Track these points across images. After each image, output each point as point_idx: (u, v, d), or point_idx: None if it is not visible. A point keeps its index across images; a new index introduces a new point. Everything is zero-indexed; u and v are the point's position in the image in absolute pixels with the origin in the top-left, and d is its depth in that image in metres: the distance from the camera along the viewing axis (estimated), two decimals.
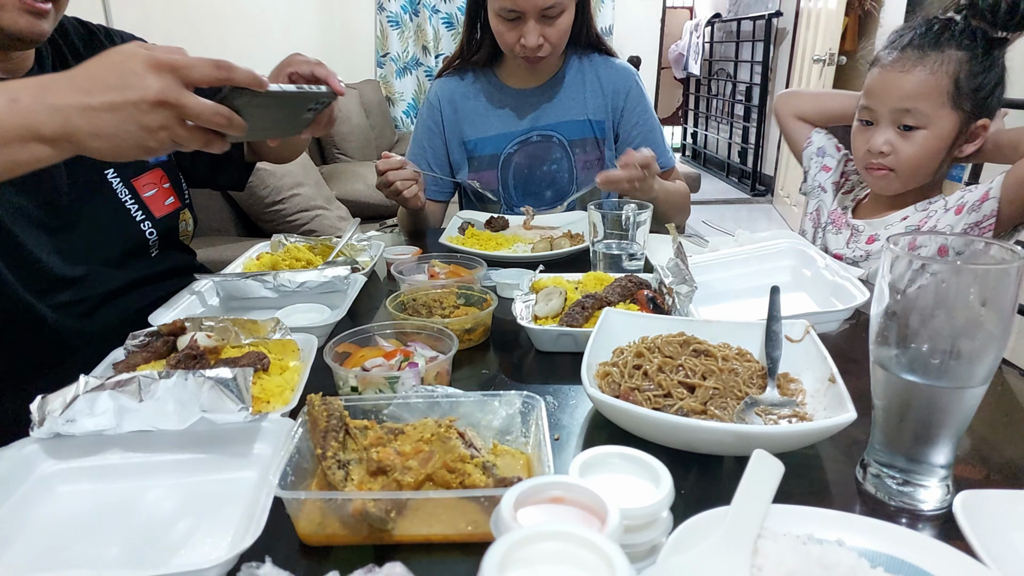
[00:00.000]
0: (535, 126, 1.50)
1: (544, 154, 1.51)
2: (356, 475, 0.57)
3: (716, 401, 0.68)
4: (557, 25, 1.34)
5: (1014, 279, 0.51)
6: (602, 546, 0.37)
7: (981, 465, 0.65)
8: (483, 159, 1.53)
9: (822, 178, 1.36)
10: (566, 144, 1.50)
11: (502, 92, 1.51)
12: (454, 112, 1.52)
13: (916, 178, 1.14)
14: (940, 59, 1.05)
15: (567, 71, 1.50)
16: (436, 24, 4.65)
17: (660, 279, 0.92)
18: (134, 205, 1.07)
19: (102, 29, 1.09)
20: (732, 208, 5.59)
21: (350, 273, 1.02)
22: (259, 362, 0.75)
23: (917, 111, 1.07)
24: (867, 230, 1.21)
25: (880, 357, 0.57)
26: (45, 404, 0.61)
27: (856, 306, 0.88)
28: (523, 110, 1.50)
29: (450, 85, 1.54)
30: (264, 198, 2.36)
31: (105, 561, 0.54)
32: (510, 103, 1.51)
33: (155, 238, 1.09)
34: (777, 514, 0.50)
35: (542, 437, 0.58)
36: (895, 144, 1.11)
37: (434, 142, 1.54)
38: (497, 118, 1.51)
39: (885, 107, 1.10)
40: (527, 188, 1.53)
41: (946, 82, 1.05)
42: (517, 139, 1.50)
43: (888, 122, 1.11)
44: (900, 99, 1.08)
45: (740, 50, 6.09)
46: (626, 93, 1.50)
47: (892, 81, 1.09)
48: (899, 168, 1.12)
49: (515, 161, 1.52)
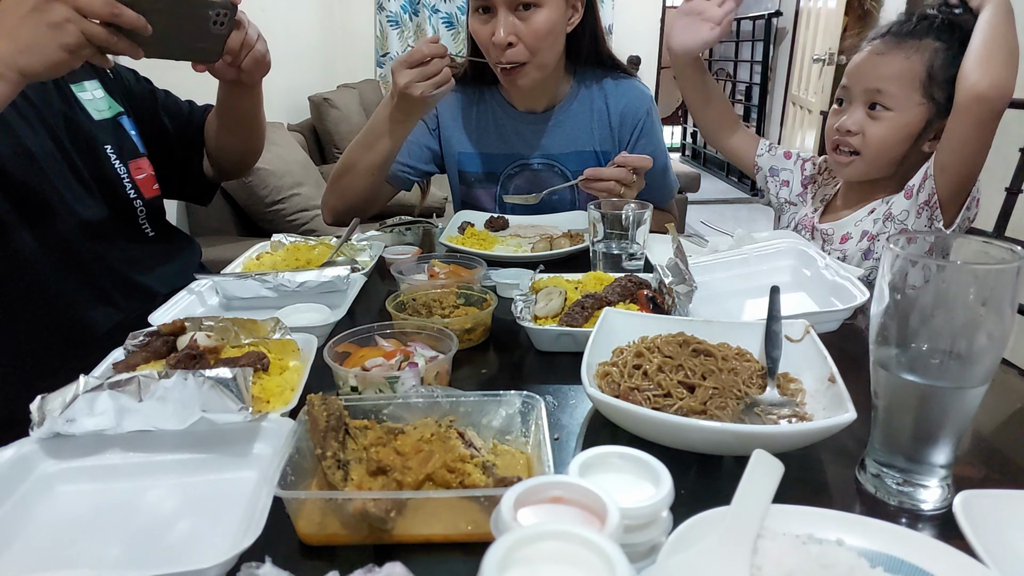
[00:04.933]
0: (537, 153, 1.42)
1: (545, 182, 1.42)
2: (356, 475, 0.57)
3: (716, 401, 0.68)
4: (532, 23, 1.20)
5: (1014, 279, 0.51)
6: (602, 546, 0.36)
7: (981, 465, 0.65)
8: (478, 177, 1.46)
9: (785, 194, 1.38)
10: (569, 176, 1.41)
11: (507, 113, 1.42)
12: (453, 119, 1.45)
13: (879, 163, 1.16)
14: (917, 46, 1.10)
15: (574, 97, 1.41)
16: (436, 24, 4.65)
17: (660, 279, 0.92)
18: (128, 182, 1.13)
19: None
20: (732, 208, 5.60)
21: (350, 273, 1.02)
22: (259, 362, 0.75)
23: (888, 92, 1.11)
24: (837, 232, 1.24)
25: (880, 357, 0.57)
26: (44, 404, 0.61)
27: (856, 306, 0.88)
28: (526, 134, 1.42)
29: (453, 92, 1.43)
30: (264, 198, 2.36)
31: (105, 561, 0.53)
32: (510, 124, 1.42)
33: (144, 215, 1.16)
34: (777, 514, 0.50)
35: (542, 437, 0.58)
36: (863, 125, 1.14)
37: (423, 139, 1.45)
38: (496, 137, 1.43)
39: (859, 86, 1.15)
40: (525, 211, 1.45)
41: (919, 68, 1.09)
42: (517, 163, 1.43)
43: (860, 102, 1.15)
44: (873, 79, 1.13)
45: (740, 49, 6.10)
46: (633, 126, 1.42)
47: (868, 63, 1.14)
48: (864, 151, 1.16)
49: (515, 184, 1.45)
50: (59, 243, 1.02)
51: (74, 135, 1.06)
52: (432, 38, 1.16)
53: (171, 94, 1.27)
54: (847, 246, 1.22)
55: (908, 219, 1.14)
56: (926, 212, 1.11)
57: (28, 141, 0.99)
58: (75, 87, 1.09)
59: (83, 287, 1.04)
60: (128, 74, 1.21)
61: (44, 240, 1.00)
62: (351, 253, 1.20)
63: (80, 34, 0.78)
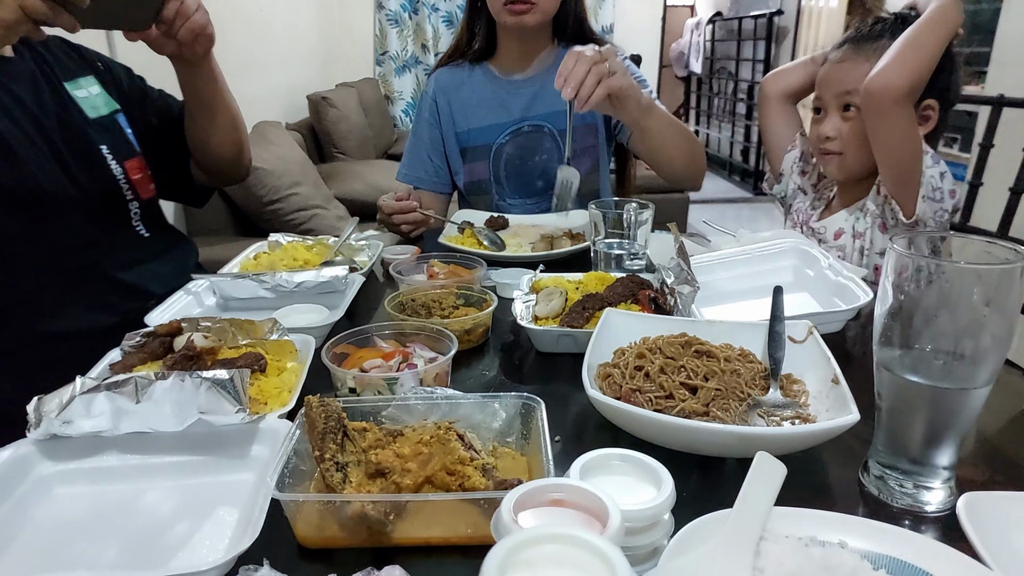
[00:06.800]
0: (526, 116, 1.50)
1: (535, 145, 1.51)
2: (354, 477, 0.56)
3: (718, 402, 0.68)
4: None
5: (1018, 279, 0.50)
6: (603, 549, 0.36)
7: (985, 467, 0.64)
8: (476, 150, 1.53)
9: (801, 181, 1.40)
10: (556, 134, 1.50)
11: (494, 83, 1.51)
12: (448, 104, 1.53)
13: (862, 158, 1.19)
14: (874, 47, 1.14)
15: (558, 61, 1.49)
16: (435, 22, 4.65)
17: (662, 279, 0.92)
18: (125, 184, 1.12)
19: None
20: (734, 207, 5.59)
21: (348, 273, 1.01)
22: (256, 363, 0.75)
23: (856, 93, 1.15)
24: (830, 227, 1.26)
25: (884, 358, 0.57)
26: (41, 405, 0.61)
27: (859, 306, 0.87)
28: (514, 101, 1.50)
29: (445, 76, 1.54)
30: (262, 197, 2.36)
31: (103, 563, 0.53)
32: (502, 93, 1.51)
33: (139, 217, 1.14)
34: (779, 516, 0.50)
35: (542, 439, 0.57)
36: (840, 128, 1.20)
37: (432, 134, 1.55)
38: (489, 108, 1.51)
39: (829, 94, 1.21)
40: (519, 179, 1.53)
41: None
42: (508, 130, 1.51)
43: (834, 109, 1.21)
44: (840, 85, 1.19)
45: (741, 48, 6.09)
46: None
47: (833, 72, 1.21)
48: (845, 149, 1.20)
49: (506, 152, 1.52)
50: (52, 248, 1.00)
51: (68, 137, 1.04)
52: (398, 197, 1.38)
53: (165, 93, 1.25)
54: (842, 242, 1.24)
55: (884, 213, 1.18)
56: (887, 206, 1.15)
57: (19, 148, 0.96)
58: (69, 84, 1.07)
59: (77, 290, 1.03)
60: (121, 71, 1.19)
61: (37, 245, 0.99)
62: (349, 253, 1.19)
63: (19, 9, 0.77)
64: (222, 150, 1.24)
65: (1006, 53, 2.54)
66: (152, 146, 1.19)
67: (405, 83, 4.75)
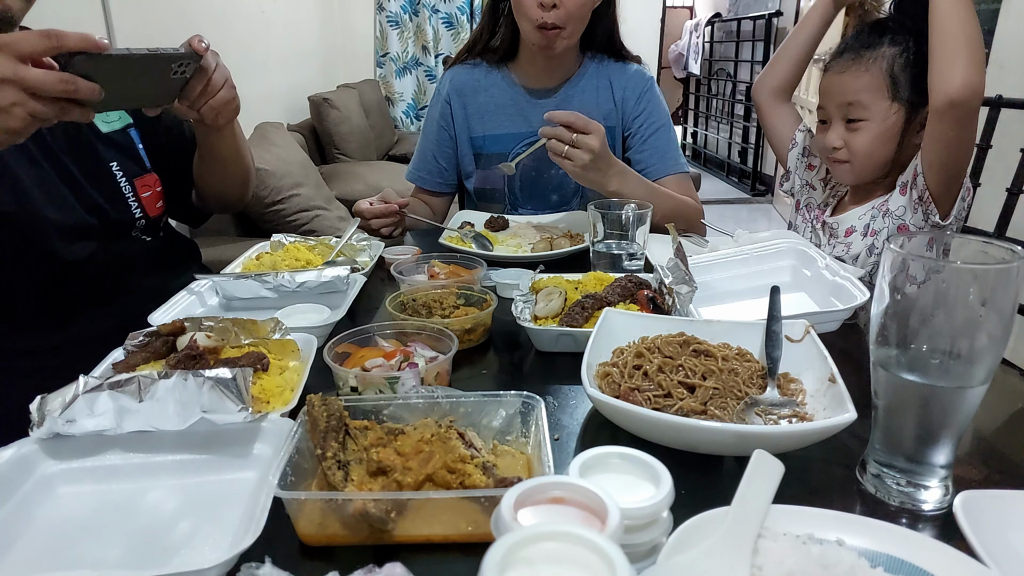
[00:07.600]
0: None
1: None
2: (356, 475, 0.57)
3: (716, 401, 0.68)
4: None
5: (1014, 279, 0.51)
6: (602, 546, 0.36)
7: (981, 465, 0.65)
8: (491, 157, 1.49)
9: (808, 176, 1.39)
10: None
11: (514, 91, 1.47)
12: (464, 107, 1.48)
13: (871, 166, 1.20)
14: (873, 56, 1.14)
15: (583, 74, 1.46)
16: (436, 24, 4.65)
17: (660, 279, 0.92)
18: (134, 202, 1.11)
19: None
20: (732, 208, 5.59)
21: (350, 273, 1.02)
22: (259, 362, 0.75)
23: (859, 104, 1.16)
24: (842, 225, 1.27)
25: (880, 357, 0.57)
26: (44, 404, 0.61)
27: (856, 306, 0.88)
28: (534, 112, 1.44)
29: (462, 76, 1.49)
30: (264, 198, 2.36)
31: (106, 562, 0.53)
32: (522, 102, 1.46)
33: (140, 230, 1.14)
34: (777, 514, 0.50)
35: (542, 437, 0.58)
36: (846, 138, 1.19)
37: (441, 136, 1.51)
38: (507, 117, 1.47)
39: (832, 105, 1.20)
40: (533, 191, 1.50)
41: (880, 76, 1.14)
42: (526, 140, 1.46)
43: (838, 119, 1.20)
44: (841, 96, 1.18)
45: (740, 50, 6.09)
46: (636, 97, 1.45)
47: (833, 83, 1.20)
48: (853, 159, 1.20)
49: (523, 163, 1.45)
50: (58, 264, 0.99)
51: (78, 155, 1.02)
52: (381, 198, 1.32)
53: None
54: (851, 239, 1.24)
55: (905, 215, 1.16)
56: (921, 207, 1.13)
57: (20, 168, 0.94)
58: None
59: (83, 299, 1.03)
60: None
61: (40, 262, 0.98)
62: (351, 253, 1.20)
63: (27, 116, 0.72)
64: (228, 193, 1.25)
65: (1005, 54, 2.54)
66: (156, 166, 1.18)
67: (406, 84, 4.75)
